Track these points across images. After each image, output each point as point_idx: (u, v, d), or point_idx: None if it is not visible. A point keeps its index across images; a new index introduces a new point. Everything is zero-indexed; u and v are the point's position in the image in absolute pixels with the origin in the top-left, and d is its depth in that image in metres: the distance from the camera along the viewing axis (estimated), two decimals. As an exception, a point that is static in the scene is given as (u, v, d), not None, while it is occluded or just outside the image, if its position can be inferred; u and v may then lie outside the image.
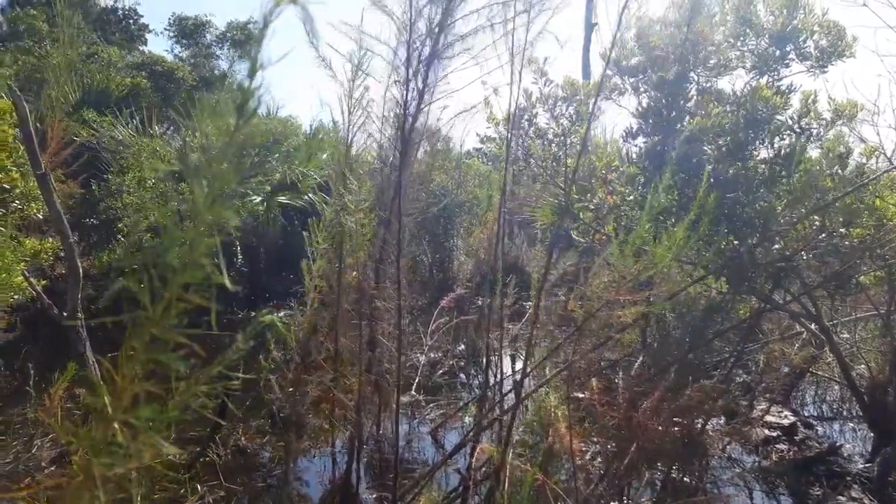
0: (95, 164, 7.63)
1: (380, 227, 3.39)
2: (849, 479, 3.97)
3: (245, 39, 15.87)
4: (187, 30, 15.61)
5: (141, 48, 14.50)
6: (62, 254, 5.49)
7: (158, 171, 6.63)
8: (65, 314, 2.78)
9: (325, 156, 9.57)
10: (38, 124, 4.24)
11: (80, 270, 2.77)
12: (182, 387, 1.04)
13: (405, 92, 2.74)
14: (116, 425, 0.75)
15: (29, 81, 8.70)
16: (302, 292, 3.36)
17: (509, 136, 3.78)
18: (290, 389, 2.98)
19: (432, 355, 6.57)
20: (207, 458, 4.27)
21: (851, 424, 5.50)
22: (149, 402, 0.74)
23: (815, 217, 3.77)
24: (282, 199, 9.50)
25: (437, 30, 2.58)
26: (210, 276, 0.66)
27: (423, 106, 2.78)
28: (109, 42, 12.39)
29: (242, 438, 4.62)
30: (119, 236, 7.37)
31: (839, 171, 3.90)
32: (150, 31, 15.47)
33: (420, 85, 2.72)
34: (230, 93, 0.79)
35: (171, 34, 15.85)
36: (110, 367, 0.75)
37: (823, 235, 3.78)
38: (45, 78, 8.51)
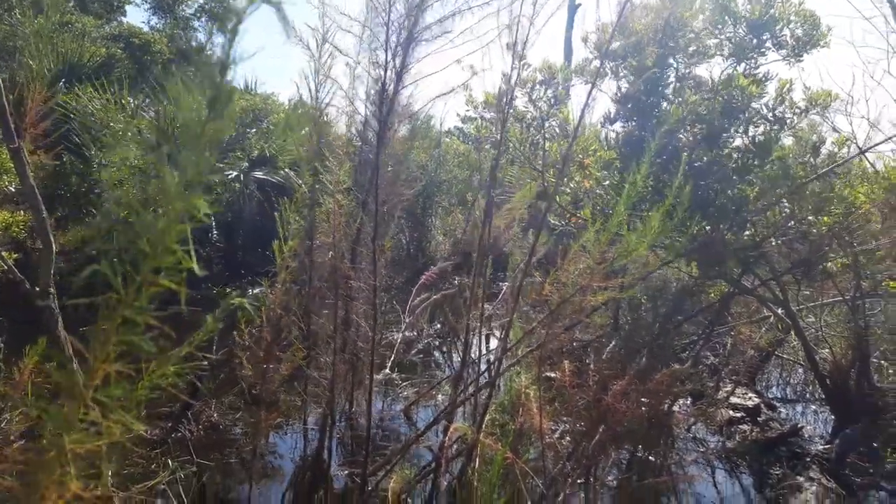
0: (68, 135, 7.47)
1: (357, 208, 3.39)
2: (808, 459, 4.09)
3: (224, 11, 15.50)
4: (165, 2, 15.23)
5: (119, 19, 14.11)
6: (35, 227, 5.40)
7: (132, 151, 6.53)
8: (37, 289, 2.74)
9: (304, 131, 9.47)
10: (10, 96, 4.13)
11: (53, 246, 2.73)
12: (152, 367, 1.05)
13: (383, 73, 2.73)
14: (88, 403, 0.75)
15: (1, 50, 8.46)
16: (277, 271, 3.36)
17: (504, 115, 3.75)
18: (262, 367, 2.98)
19: (408, 334, 6.60)
20: (179, 434, 4.27)
21: (814, 407, 5.65)
22: (119, 381, 0.75)
23: (786, 204, 3.84)
24: (258, 174, 9.41)
25: (415, 11, 2.57)
26: (181, 261, 0.67)
27: (400, 88, 2.77)
28: (86, 11, 12.04)
29: (214, 415, 4.62)
30: (92, 209, 7.25)
31: (811, 159, 3.97)
32: (129, 2, 15.06)
33: (398, 66, 2.71)
34: (205, 68, 0.80)
35: (149, 5, 15.43)
36: (82, 347, 0.76)
37: (793, 223, 3.85)
38: (16, 46, 8.28)
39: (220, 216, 8.99)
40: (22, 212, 5.67)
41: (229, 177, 9.14)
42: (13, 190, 5.67)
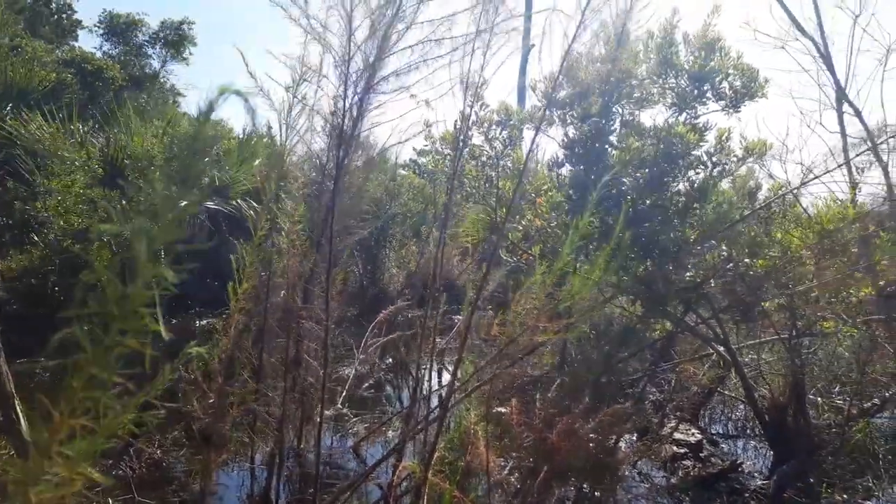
0: (13, 161, 7.29)
1: (312, 247, 3.41)
2: (747, 495, 4.22)
3: (179, 40, 15.47)
4: (118, 28, 15.07)
5: (71, 44, 13.90)
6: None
7: (77, 179, 6.40)
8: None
9: (257, 162, 9.43)
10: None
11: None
12: (110, 418, 1.07)
13: (342, 121, 2.79)
14: (52, 457, 0.78)
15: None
16: (227, 303, 3.33)
17: (457, 159, 3.84)
18: (210, 402, 2.95)
19: (360, 368, 6.56)
20: (120, 472, 4.14)
21: (753, 442, 5.82)
22: (84, 435, 0.78)
23: (724, 247, 4.02)
24: (210, 204, 9.30)
25: (373, 65, 2.65)
26: (147, 325, 0.71)
27: (357, 133, 2.84)
28: (37, 35, 11.83)
29: (158, 451, 4.50)
30: (35, 237, 7.06)
31: (749, 204, 4.18)
32: (82, 28, 14.86)
33: (354, 115, 2.78)
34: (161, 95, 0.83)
35: (101, 31, 15.24)
36: (48, 403, 0.78)
37: (731, 265, 4.03)
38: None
39: (168, 247, 8.81)
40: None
41: (181, 205, 8.98)
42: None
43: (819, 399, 5.61)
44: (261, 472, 4.08)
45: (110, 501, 3.76)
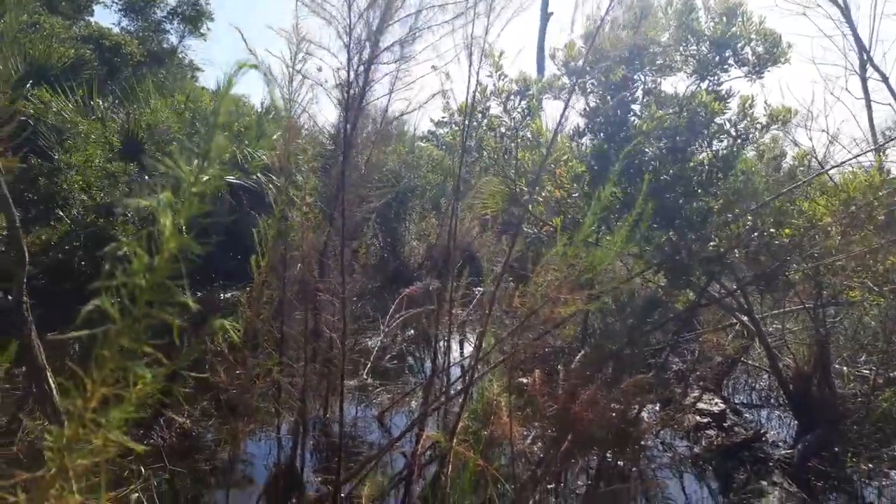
0: (35, 137, 7.38)
1: (325, 220, 3.42)
2: (771, 464, 4.22)
3: (196, 15, 15.41)
4: (136, 4, 15.04)
5: (88, 19, 13.91)
6: (3, 232, 5.34)
7: (97, 153, 6.46)
8: (10, 297, 2.74)
9: (275, 136, 9.45)
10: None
11: (26, 253, 2.72)
12: (140, 386, 1.10)
13: (347, 93, 2.77)
14: (88, 424, 0.80)
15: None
16: (250, 276, 3.37)
17: (465, 130, 3.82)
18: (235, 373, 3.00)
19: (383, 340, 6.63)
20: (151, 441, 4.25)
21: (777, 412, 5.80)
22: (116, 403, 0.80)
23: (749, 217, 3.96)
24: (231, 178, 9.35)
25: (376, 34, 2.62)
26: (174, 296, 0.72)
27: (364, 105, 2.82)
28: (54, 11, 11.86)
29: (188, 422, 4.60)
30: (59, 212, 7.16)
31: (773, 173, 4.11)
32: (98, 2, 14.85)
33: (361, 85, 2.75)
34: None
35: (119, 6, 15.22)
36: (81, 373, 0.81)
37: (755, 235, 3.98)
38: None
39: (191, 220, 8.90)
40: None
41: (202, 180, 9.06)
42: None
43: (844, 368, 5.57)
44: (287, 441, 4.16)
45: (143, 469, 3.87)
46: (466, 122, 3.35)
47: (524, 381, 3.62)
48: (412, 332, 7.90)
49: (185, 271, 0.72)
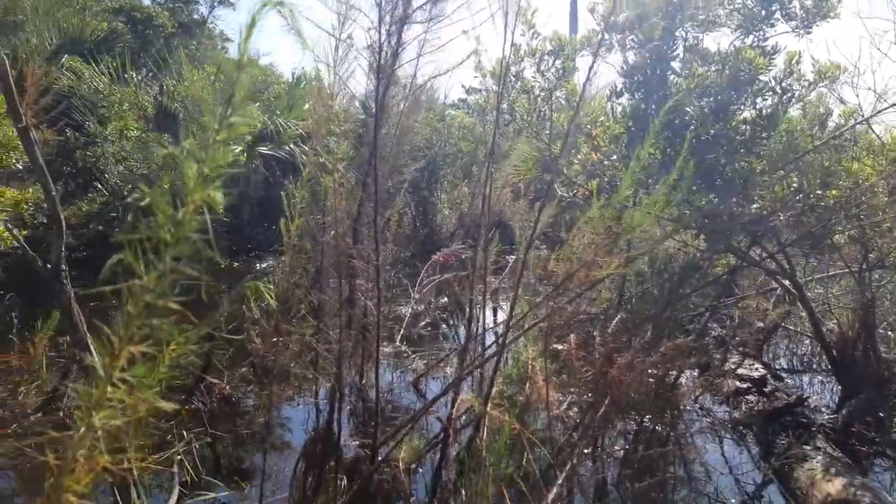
0: (70, 111, 7.48)
1: (358, 187, 3.39)
2: (814, 429, 4.13)
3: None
4: (166, -25, 15.06)
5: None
6: (43, 203, 5.45)
7: (131, 123, 6.52)
8: (48, 266, 2.79)
9: (307, 106, 9.43)
10: (13, 71, 4.15)
11: (63, 223, 2.76)
12: (172, 347, 1.09)
13: (378, 54, 2.71)
14: (114, 382, 0.79)
15: (1, 25, 8.42)
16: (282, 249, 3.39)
17: (501, 85, 3.72)
18: (271, 340, 3.03)
19: (416, 307, 6.65)
20: (193, 406, 4.35)
21: (820, 377, 5.69)
22: (143, 362, 0.78)
23: (793, 177, 3.83)
24: (263, 149, 9.39)
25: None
26: (199, 250, 0.69)
27: (396, 68, 2.75)
28: (84, -17, 11.93)
29: (227, 387, 4.69)
30: (97, 184, 7.29)
31: (818, 132, 3.95)
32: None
33: (394, 46, 2.68)
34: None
35: (149, -22, 15.26)
36: (106, 329, 0.79)
37: (800, 196, 3.84)
38: (17, 21, 8.23)
39: (225, 191, 8.99)
40: (30, 189, 5.71)
41: (234, 152, 9.13)
42: (20, 167, 5.70)
43: (890, 333, 5.42)
44: (325, 406, 4.21)
45: (185, 433, 3.96)
46: (502, 80, 3.25)
47: (560, 347, 3.58)
48: (445, 299, 7.91)
49: (210, 224, 0.69)
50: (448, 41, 3.13)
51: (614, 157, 4.04)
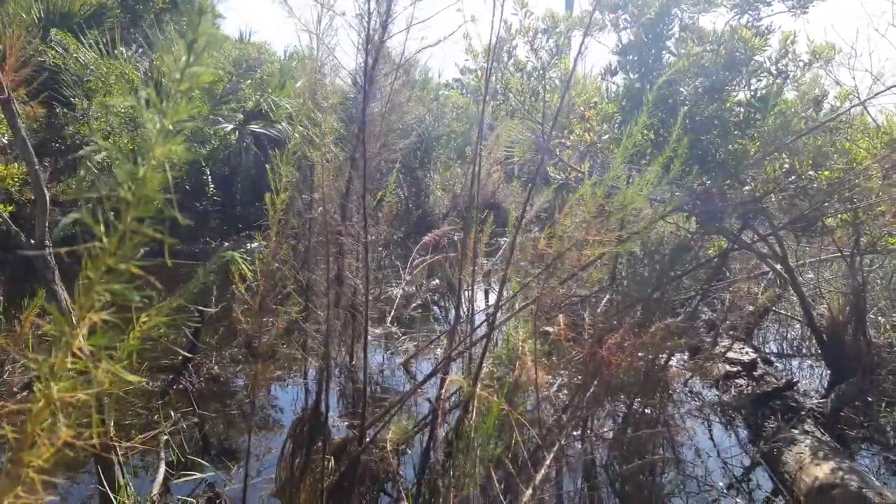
0: (57, 86, 7.36)
1: (346, 163, 3.34)
2: (803, 413, 4.14)
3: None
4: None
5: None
6: (29, 179, 5.37)
7: (118, 98, 6.42)
8: (32, 242, 2.73)
9: (299, 84, 9.33)
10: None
11: (47, 198, 2.70)
12: (142, 318, 1.04)
13: (366, 25, 2.64)
14: (74, 351, 0.75)
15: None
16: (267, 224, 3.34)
17: (489, 67, 3.67)
18: (258, 319, 2.99)
19: (407, 289, 6.62)
20: (180, 386, 4.32)
21: (809, 362, 5.70)
22: (106, 330, 0.74)
23: (786, 159, 3.80)
24: (254, 127, 9.30)
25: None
26: (163, 210, 0.65)
27: (385, 39, 2.69)
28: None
29: (215, 367, 4.66)
30: (85, 160, 7.19)
31: (813, 113, 3.91)
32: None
33: (383, 15, 2.62)
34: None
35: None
36: (68, 296, 0.75)
37: (793, 178, 3.81)
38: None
39: (216, 170, 8.92)
40: (16, 164, 5.62)
41: (225, 130, 9.04)
42: (5, 142, 5.61)
43: (880, 318, 5.43)
44: (314, 387, 4.19)
45: (172, 413, 3.94)
46: (490, 56, 3.20)
47: (549, 329, 3.56)
48: (437, 281, 7.89)
49: (172, 184, 0.65)
50: (438, 12, 3.05)
51: (607, 137, 4.00)
